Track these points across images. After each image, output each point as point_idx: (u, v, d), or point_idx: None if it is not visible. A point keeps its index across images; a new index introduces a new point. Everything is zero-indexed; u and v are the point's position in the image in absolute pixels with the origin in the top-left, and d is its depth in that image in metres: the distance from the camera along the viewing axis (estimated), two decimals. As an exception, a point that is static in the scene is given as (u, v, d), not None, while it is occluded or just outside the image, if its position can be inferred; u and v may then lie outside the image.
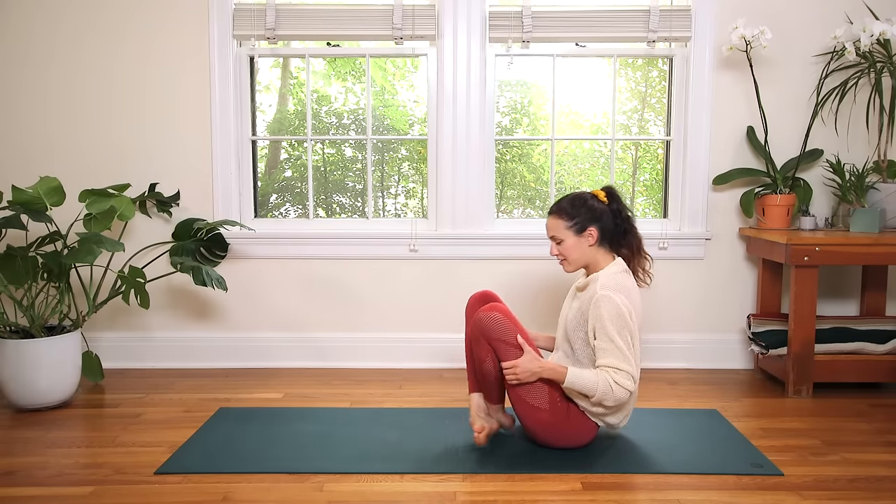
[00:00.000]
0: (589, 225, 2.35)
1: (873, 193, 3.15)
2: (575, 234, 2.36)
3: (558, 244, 2.39)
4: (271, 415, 2.72)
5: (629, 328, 2.24)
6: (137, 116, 3.32)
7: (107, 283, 3.33)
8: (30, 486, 2.13)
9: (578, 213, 2.36)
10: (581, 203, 2.37)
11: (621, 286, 2.30)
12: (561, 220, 2.37)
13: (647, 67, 3.66)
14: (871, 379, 2.99)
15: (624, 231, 2.41)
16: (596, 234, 2.35)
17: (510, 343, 2.27)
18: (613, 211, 2.39)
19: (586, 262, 2.40)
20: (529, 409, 2.29)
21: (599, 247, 2.38)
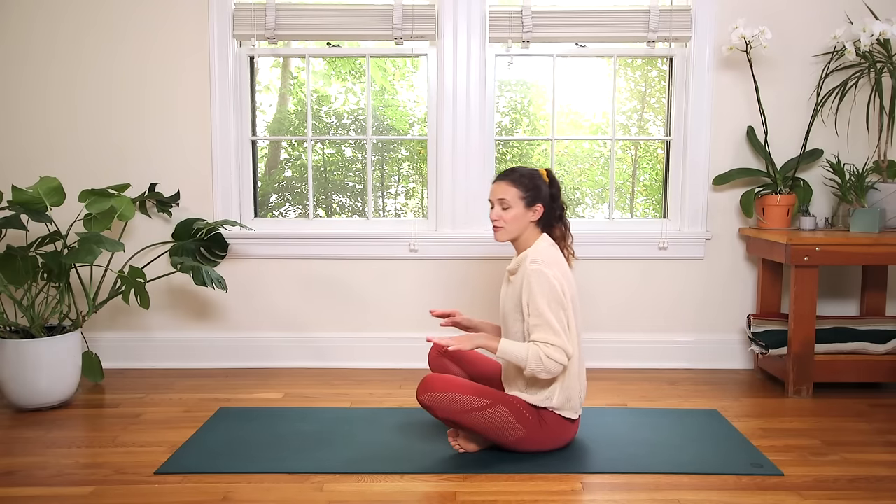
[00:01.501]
0: (538, 201, 2.37)
1: (873, 193, 3.15)
2: (525, 206, 2.36)
3: (504, 209, 2.38)
4: (271, 415, 2.72)
5: (561, 303, 2.24)
6: (137, 116, 3.32)
7: (107, 283, 3.33)
8: (30, 486, 2.13)
9: (534, 187, 2.37)
10: (538, 177, 2.39)
11: (553, 258, 2.32)
12: (516, 189, 2.37)
13: (646, 67, 3.66)
14: (871, 379, 2.99)
15: (559, 216, 2.44)
16: (541, 211, 2.38)
17: (468, 409, 2.23)
18: (553, 194, 2.42)
19: (519, 234, 2.40)
20: (505, 436, 2.28)
21: (536, 224, 2.40)
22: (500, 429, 2.26)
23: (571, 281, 2.35)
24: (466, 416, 2.23)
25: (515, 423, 2.26)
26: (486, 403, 2.24)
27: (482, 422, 2.24)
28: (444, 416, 2.24)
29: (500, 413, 2.25)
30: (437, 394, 2.23)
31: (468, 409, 2.23)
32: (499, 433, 2.27)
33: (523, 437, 2.29)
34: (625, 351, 3.42)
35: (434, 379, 2.25)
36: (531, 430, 2.29)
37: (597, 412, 2.74)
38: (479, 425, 2.25)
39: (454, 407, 2.22)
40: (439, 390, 2.23)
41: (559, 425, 2.32)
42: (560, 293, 2.25)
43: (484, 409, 2.24)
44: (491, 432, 2.27)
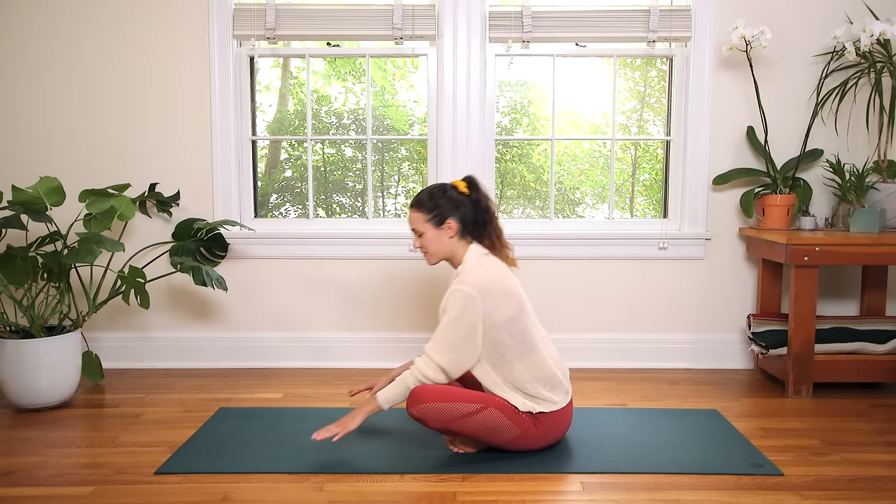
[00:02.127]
0: (448, 217, 2.34)
1: (873, 193, 3.15)
2: (434, 227, 2.35)
3: (419, 237, 2.38)
4: (271, 415, 2.72)
5: (472, 326, 2.22)
6: (137, 116, 3.32)
7: (107, 283, 3.33)
8: (30, 486, 2.13)
9: (437, 206, 2.34)
10: (440, 195, 2.35)
11: (482, 273, 2.27)
12: (420, 213, 2.36)
13: (646, 67, 3.66)
14: (871, 379, 2.99)
15: (484, 222, 2.38)
16: (455, 226, 2.34)
17: (459, 416, 2.22)
18: (473, 201, 2.37)
19: (447, 254, 2.39)
20: (500, 438, 2.28)
21: (461, 239, 2.37)
22: (494, 431, 2.25)
23: (507, 283, 2.29)
24: (459, 423, 2.23)
25: (509, 423, 2.26)
26: (477, 408, 2.23)
27: (475, 426, 2.23)
28: (437, 426, 2.24)
29: (493, 415, 2.24)
30: (427, 405, 2.21)
31: (460, 415, 2.22)
32: (493, 435, 2.26)
33: (518, 437, 2.28)
34: (625, 351, 3.42)
35: (422, 390, 2.23)
36: (525, 429, 2.28)
37: (597, 412, 2.75)
38: (472, 430, 2.24)
39: (445, 416, 2.21)
40: (428, 401, 2.21)
41: (553, 420, 2.31)
42: (471, 313, 2.21)
43: (475, 413, 2.23)
44: (485, 435, 2.26)
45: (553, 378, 2.30)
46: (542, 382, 2.29)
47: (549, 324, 3.41)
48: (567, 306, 3.41)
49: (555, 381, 2.31)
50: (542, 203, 3.66)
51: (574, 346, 3.40)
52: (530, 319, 2.34)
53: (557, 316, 3.41)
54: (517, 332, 2.27)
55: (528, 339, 2.29)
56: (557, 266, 3.39)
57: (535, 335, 2.32)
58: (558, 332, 3.41)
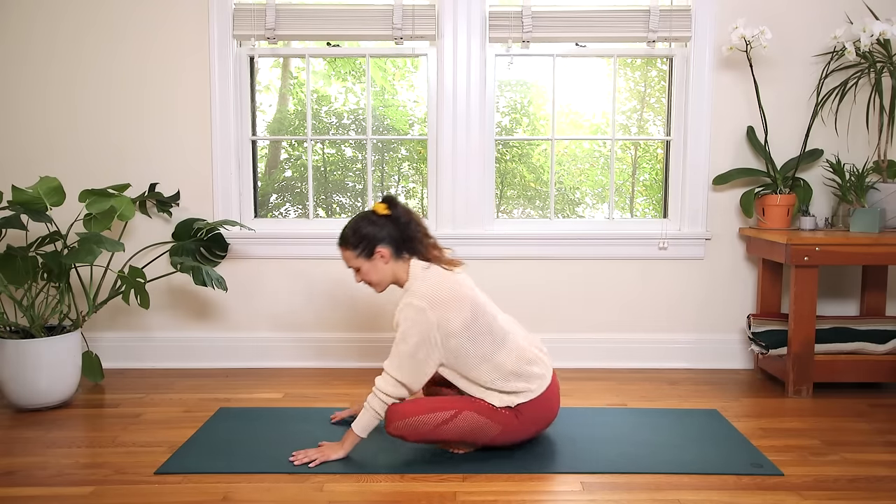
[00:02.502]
0: (376, 245, 2.32)
1: (873, 193, 3.15)
2: (366, 259, 2.34)
3: (357, 272, 2.38)
4: (271, 415, 2.72)
5: (416, 339, 2.21)
6: (137, 116, 3.32)
7: (107, 283, 3.33)
8: (30, 486, 2.13)
9: (362, 238, 2.33)
10: (362, 226, 2.33)
11: (429, 287, 2.26)
12: (348, 251, 2.36)
13: (646, 67, 3.66)
14: (871, 379, 2.99)
15: (412, 237, 2.35)
16: (385, 251, 2.32)
17: (436, 425, 2.22)
18: (395, 220, 2.35)
19: (390, 279, 2.38)
20: (483, 436, 2.27)
21: (397, 260, 2.35)
22: (476, 431, 2.25)
23: (456, 289, 2.28)
24: (437, 432, 2.23)
25: (488, 422, 2.25)
26: (452, 414, 2.23)
27: (455, 431, 2.23)
28: (417, 439, 2.24)
29: (469, 418, 2.23)
30: (402, 422, 2.21)
31: (435, 424, 2.22)
32: (476, 435, 2.26)
33: (502, 432, 2.27)
34: (625, 351, 3.42)
35: (394, 409, 2.23)
36: (507, 423, 2.27)
37: (597, 412, 2.74)
38: (453, 436, 2.24)
39: (422, 428, 2.21)
40: (401, 418, 2.22)
41: (535, 407, 2.30)
42: (426, 327, 2.21)
43: (451, 419, 2.22)
44: (468, 437, 2.26)
45: (525, 366, 2.29)
46: (515, 375, 2.28)
47: (549, 324, 3.41)
48: (567, 306, 3.41)
49: (528, 367, 2.29)
50: (542, 203, 3.66)
51: (574, 346, 3.40)
52: (490, 314, 2.31)
53: (557, 316, 3.41)
54: (478, 333, 2.25)
55: (495, 334, 2.28)
56: (557, 266, 3.39)
57: (501, 327, 2.31)
58: (558, 332, 3.41)
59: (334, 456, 2.27)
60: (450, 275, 2.33)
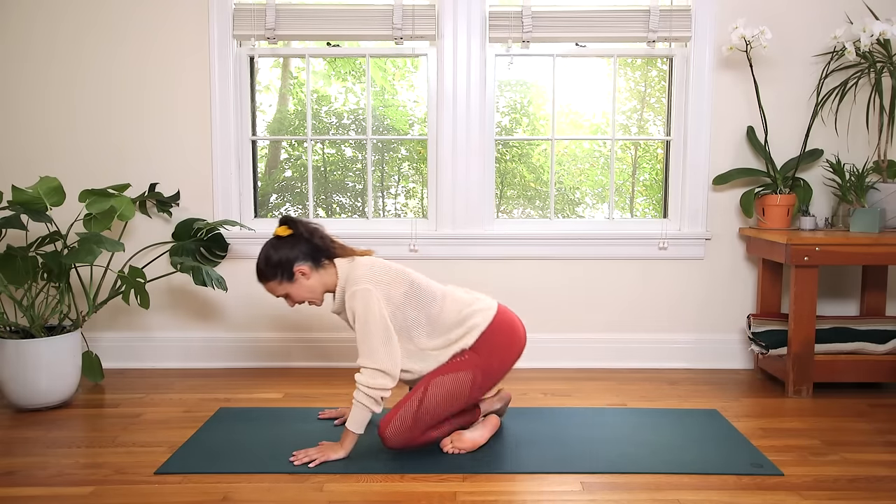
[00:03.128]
0: (292, 266, 2.33)
1: (873, 193, 3.15)
2: (289, 283, 2.35)
3: (287, 298, 2.39)
4: (271, 415, 2.72)
5: (379, 317, 2.25)
6: (137, 116, 3.32)
7: (107, 283, 3.33)
8: (30, 486, 2.13)
9: (277, 266, 2.33)
10: (273, 254, 2.33)
11: (366, 270, 2.31)
12: (270, 283, 2.36)
13: (646, 67, 3.66)
14: (871, 379, 2.99)
15: (321, 245, 2.38)
16: (304, 267, 2.34)
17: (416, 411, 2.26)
18: (300, 236, 2.36)
19: (322, 289, 2.39)
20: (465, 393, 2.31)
21: (319, 269, 2.37)
22: (454, 394, 2.29)
23: (385, 264, 2.36)
24: (424, 417, 2.26)
25: (456, 375, 2.29)
26: (421, 393, 2.27)
27: (437, 407, 2.27)
28: (417, 438, 2.28)
29: (439, 384, 2.28)
30: (390, 431, 2.26)
31: (414, 412, 2.26)
32: (458, 397, 2.29)
33: (477, 376, 2.30)
34: (625, 351, 3.42)
35: (381, 425, 2.28)
36: (474, 365, 2.30)
37: (597, 412, 2.75)
38: (439, 411, 2.28)
39: (406, 423, 2.26)
40: (387, 428, 2.26)
41: (491, 337, 2.34)
42: (375, 308, 2.25)
43: (424, 397, 2.27)
44: (455, 404, 2.30)
45: (466, 309, 2.36)
46: (458, 323, 2.34)
47: (550, 324, 3.41)
48: (567, 306, 3.41)
49: (468, 310, 2.36)
50: (542, 203, 3.66)
51: (574, 346, 3.40)
52: (424, 280, 2.39)
53: (557, 316, 3.41)
54: (419, 299, 2.33)
55: (434, 293, 2.37)
56: (557, 266, 3.39)
57: (437, 288, 2.40)
58: (558, 332, 3.41)
59: (334, 456, 2.28)
60: (375, 258, 2.40)
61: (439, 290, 2.40)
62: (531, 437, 2.48)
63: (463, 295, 2.43)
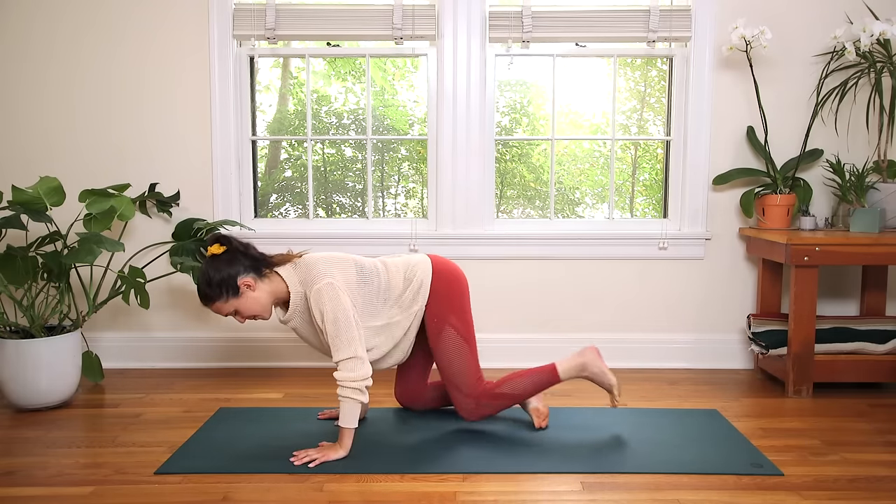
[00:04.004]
0: (235, 281, 2.30)
1: (873, 193, 3.15)
2: (236, 298, 2.31)
3: (237, 314, 2.37)
4: (271, 415, 2.72)
5: (345, 311, 2.27)
6: (137, 116, 3.32)
7: (107, 283, 3.33)
8: (30, 486, 2.13)
9: (220, 284, 2.29)
10: (214, 274, 2.29)
11: (320, 266, 2.35)
12: (217, 303, 2.32)
13: (646, 67, 3.66)
14: (871, 379, 2.99)
15: (258, 255, 2.37)
16: (248, 279, 2.31)
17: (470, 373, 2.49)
18: (235, 251, 2.33)
19: (271, 300, 2.38)
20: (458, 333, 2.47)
21: (263, 280, 2.35)
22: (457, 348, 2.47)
23: (331, 257, 2.40)
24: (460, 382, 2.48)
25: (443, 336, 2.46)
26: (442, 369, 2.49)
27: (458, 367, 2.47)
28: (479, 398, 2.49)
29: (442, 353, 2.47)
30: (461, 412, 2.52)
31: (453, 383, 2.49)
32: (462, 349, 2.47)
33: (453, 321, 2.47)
34: (625, 351, 3.42)
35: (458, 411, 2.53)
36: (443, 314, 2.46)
37: (597, 412, 2.75)
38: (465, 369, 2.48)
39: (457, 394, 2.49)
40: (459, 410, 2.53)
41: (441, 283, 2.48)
42: (343, 298, 2.29)
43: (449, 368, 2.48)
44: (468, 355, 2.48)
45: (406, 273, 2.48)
46: (405, 286, 2.46)
47: (550, 324, 3.41)
48: (567, 306, 3.41)
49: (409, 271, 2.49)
50: (542, 203, 3.66)
51: (574, 347, 3.40)
52: (359, 258, 2.47)
53: (557, 316, 3.41)
54: (367, 276, 2.42)
55: (377, 266, 2.47)
56: (557, 266, 3.39)
57: (370, 261, 2.48)
58: (558, 332, 3.41)
59: (334, 456, 2.28)
60: (313, 254, 2.44)
61: (379, 263, 2.50)
62: (531, 437, 2.48)
63: (397, 260, 2.54)
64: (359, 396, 2.26)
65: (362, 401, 2.27)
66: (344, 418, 2.28)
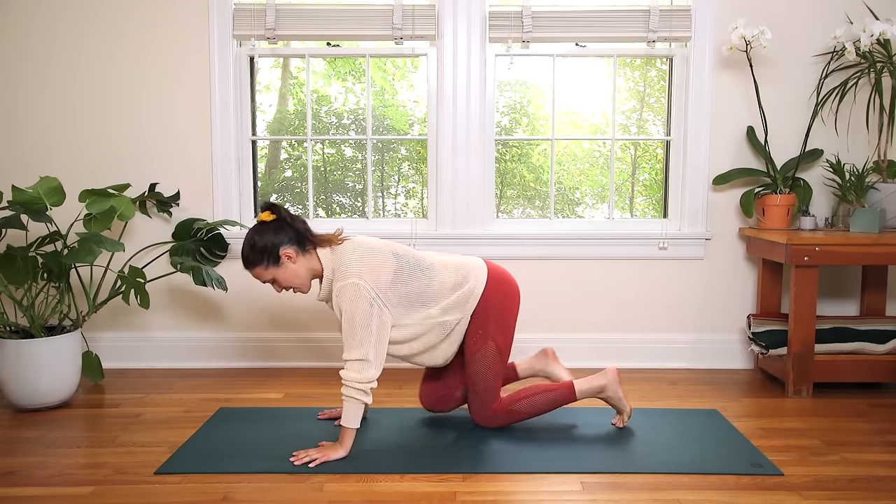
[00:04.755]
0: (278, 250, 2.32)
1: (873, 193, 3.15)
2: (276, 267, 2.34)
3: (275, 283, 2.38)
4: (271, 415, 2.72)
5: (362, 313, 2.26)
6: (137, 116, 3.32)
7: (107, 283, 3.33)
8: (30, 486, 2.13)
9: (262, 250, 2.32)
10: (258, 239, 2.32)
11: (354, 261, 2.32)
12: (256, 268, 2.35)
13: (645, 67, 3.66)
14: (871, 379, 2.99)
15: (305, 230, 2.39)
16: (290, 251, 2.34)
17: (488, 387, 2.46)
18: (283, 221, 2.36)
19: (310, 275, 2.39)
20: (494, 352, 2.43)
21: (304, 254, 2.36)
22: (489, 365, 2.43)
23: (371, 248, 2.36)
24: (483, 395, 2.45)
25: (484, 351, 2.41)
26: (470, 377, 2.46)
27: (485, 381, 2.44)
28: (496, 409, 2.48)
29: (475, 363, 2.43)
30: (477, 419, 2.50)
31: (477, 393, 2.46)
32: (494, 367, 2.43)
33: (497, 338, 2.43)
34: (625, 351, 3.42)
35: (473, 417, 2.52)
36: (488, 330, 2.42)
37: (597, 412, 2.74)
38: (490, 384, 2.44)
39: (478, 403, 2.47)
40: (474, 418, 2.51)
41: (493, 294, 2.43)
42: (367, 299, 2.27)
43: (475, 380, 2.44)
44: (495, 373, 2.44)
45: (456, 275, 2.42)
46: (455, 288, 2.40)
47: (549, 323, 3.41)
48: (567, 306, 3.41)
49: (463, 272, 2.43)
50: (541, 203, 3.66)
51: (574, 346, 3.40)
52: (410, 251, 2.43)
53: (557, 316, 3.41)
54: (407, 272, 2.36)
55: (422, 261, 2.41)
56: (557, 266, 3.39)
57: (425, 256, 2.45)
58: (558, 332, 3.41)
59: (335, 455, 2.28)
60: (355, 240, 2.40)
61: (427, 258, 2.44)
62: (531, 437, 2.48)
63: (451, 260, 2.48)
64: (362, 398, 2.26)
65: (366, 402, 2.27)
66: (346, 418, 2.28)
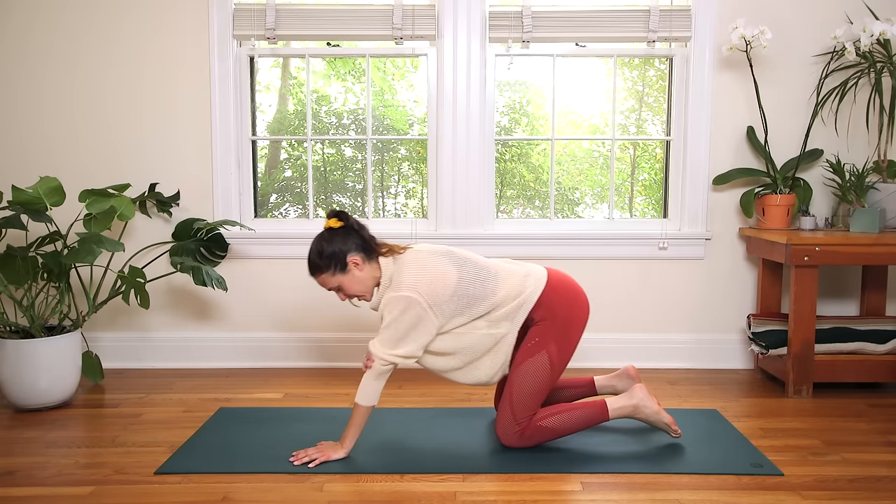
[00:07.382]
0: (345, 256, 2.31)
1: (873, 193, 3.15)
2: (343, 274, 2.33)
3: (340, 291, 2.37)
4: (271, 415, 2.72)
5: (410, 319, 2.24)
6: (137, 116, 3.32)
7: (107, 283, 3.33)
8: (30, 486, 2.13)
9: (330, 256, 2.31)
10: (325, 246, 2.32)
11: (412, 275, 2.29)
12: (323, 275, 2.34)
13: (644, 67, 3.66)
14: (871, 379, 2.99)
15: (371, 238, 2.38)
16: (358, 258, 2.32)
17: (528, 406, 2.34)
18: (349, 229, 2.35)
19: (373, 284, 2.37)
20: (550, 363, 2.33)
21: (369, 263, 2.35)
22: (539, 370, 2.31)
23: (431, 261, 2.33)
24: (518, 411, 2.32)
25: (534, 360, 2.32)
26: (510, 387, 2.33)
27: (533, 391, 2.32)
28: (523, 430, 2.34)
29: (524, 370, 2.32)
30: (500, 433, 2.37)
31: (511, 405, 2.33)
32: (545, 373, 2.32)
33: (552, 350, 2.33)
34: (625, 351, 3.42)
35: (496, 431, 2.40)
36: (544, 340, 2.33)
37: (597, 412, 2.74)
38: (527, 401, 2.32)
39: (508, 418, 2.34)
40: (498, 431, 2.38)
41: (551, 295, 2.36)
42: (417, 313, 2.24)
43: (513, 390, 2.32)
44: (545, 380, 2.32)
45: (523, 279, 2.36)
46: (517, 293, 2.34)
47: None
48: (567, 306, 3.41)
49: (523, 281, 2.36)
50: (541, 203, 3.66)
51: (574, 346, 3.40)
52: (472, 257, 2.39)
53: (557, 316, 3.41)
54: (470, 282, 2.31)
55: (486, 271, 2.36)
56: (557, 266, 3.39)
57: (488, 263, 2.39)
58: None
59: (334, 455, 2.28)
60: (416, 251, 2.38)
61: (491, 267, 2.38)
62: (531, 437, 2.48)
63: (515, 269, 2.42)
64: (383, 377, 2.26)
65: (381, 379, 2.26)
66: (360, 400, 2.28)
